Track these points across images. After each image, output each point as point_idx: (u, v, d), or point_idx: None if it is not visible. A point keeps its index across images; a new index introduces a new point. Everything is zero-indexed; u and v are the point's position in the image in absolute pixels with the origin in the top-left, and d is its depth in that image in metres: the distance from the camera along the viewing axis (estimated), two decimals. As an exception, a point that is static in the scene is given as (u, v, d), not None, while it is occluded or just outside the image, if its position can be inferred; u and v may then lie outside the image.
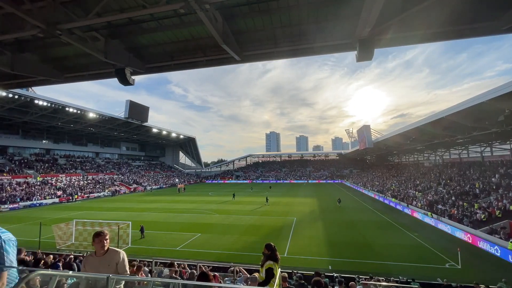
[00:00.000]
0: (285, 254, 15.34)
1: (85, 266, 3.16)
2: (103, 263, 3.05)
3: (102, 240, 3.15)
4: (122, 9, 6.41)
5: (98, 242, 3.14)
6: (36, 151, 53.71)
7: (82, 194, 45.55)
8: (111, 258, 3.10)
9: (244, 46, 8.20)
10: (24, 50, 8.83)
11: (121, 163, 72.21)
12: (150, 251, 15.89)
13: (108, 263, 3.06)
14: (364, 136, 47.51)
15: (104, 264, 3.04)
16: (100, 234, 3.17)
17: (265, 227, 22.12)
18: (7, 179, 40.27)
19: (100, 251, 3.13)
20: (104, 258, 3.11)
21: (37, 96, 37.71)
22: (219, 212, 29.43)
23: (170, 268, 7.82)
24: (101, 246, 3.12)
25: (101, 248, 3.13)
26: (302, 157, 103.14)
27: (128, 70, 8.40)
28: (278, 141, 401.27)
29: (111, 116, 52.00)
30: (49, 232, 18.44)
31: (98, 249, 3.13)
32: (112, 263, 3.08)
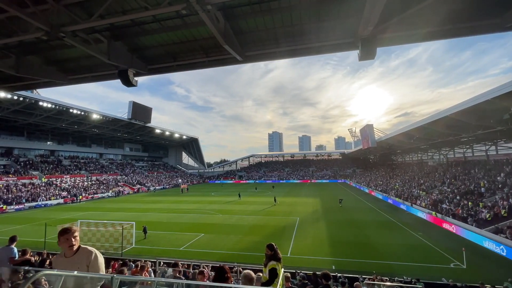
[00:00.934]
0: (288, 254, 15.33)
1: (54, 268, 2.87)
2: (72, 265, 2.64)
3: (69, 239, 2.72)
4: (124, 11, 6.45)
5: (64, 241, 2.70)
6: (41, 152, 54.24)
7: (86, 195, 45.91)
8: (80, 259, 2.70)
9: (246, 46, 8.21)
10: (29, 52, 8.93)
11: (124, 164, 72.65)
12: (154, 251, 15.97)
13: (77, 264, 2.66)
14: (367, 135, 47.30)
15: (73, 266, 2.63)
16: (66, 232, 2.74)
17: (268, 227, 22.12)
18: (13, 180, 40.74)
19: (68, 251, 2.73)
20: (72, 259, 2.71)
21: (42, 98, 38.07)
22: (222, 212, 29.49)
23: (174, 268, 7.85)
24: (69, 245, 2.71)
25: (68, 248, 2.72)
26: (305, 157, 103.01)
27: (131, 72, 8.46)
28: (281, 141, 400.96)
29: (115, 117, 52.34)
30: (54, 233, 18.48)
31: (65, 248, 2.73)
32: (82, 265, 2.67)
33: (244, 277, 3.65)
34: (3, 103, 35.30)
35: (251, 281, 3.58)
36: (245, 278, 3.61)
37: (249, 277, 3.60)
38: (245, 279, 3.62)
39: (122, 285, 3.45)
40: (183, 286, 3.65)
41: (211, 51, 8.67)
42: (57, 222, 22.90)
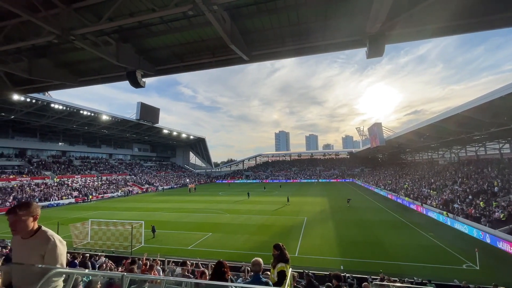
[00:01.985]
0: (296, 254, 15.27)
1: (12, 246, 2.48)
2: (26, 248, 2.25)
3: (16, 221, 2.18)
4: (132, 13, 6.55)
5: (12, 222, 2.19)
6: (52, 153, 55.59)
7: (96, 195, 46.82)
8: (35, 245, 2.23)
9: (252, 45, 8.21)
10: (41, 55, 9.17)
11: (133, 164, 73.74)
12: (162, 250, 16.14)
13: (31, 249, 2.23)
14: (375, 134, 46.66)
15: (26, 250, 2.25)
16: (11, 212, 2.20)
17: (275, 227, 22.08)
18: (26, 180, 41.89)
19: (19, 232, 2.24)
20: (28, 242, 2.26)
21: (53, 100, 38.99)
22: (230, 212, 29.60)
23: (182, 267, 7.93)
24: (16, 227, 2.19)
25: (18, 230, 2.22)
26: (312, 156, 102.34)
27: (139, 73, 8.58)
28: (288, 141, 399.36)
29: (123, 118, 53.17)
30: (66, 231, 19.05)
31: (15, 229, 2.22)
32: (35, 252, 2.22)
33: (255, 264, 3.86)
34: (17, 106, 36.32)
35: (259, 265, 3.83)
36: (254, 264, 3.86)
37: (256, 262, 3.85)
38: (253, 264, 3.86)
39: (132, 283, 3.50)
40: (191, 285, 3.68)
41: (217, 51, 8.71)
42: (69, 221, 23.43)
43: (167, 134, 71.97)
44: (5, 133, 46.87)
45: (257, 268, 3.85)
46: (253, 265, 3.89)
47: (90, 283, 3.37)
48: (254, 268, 3.87)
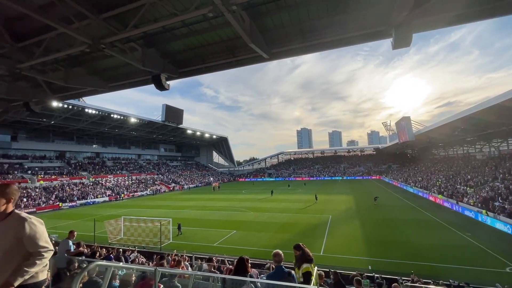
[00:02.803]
0: (321, 253, 15.03)
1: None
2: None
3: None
4: (156, 19, 6.82)
5: None
6: (88, 154, 59.70)
7: (128, 193, 49.56)
8: (9, 228, 2.09)
9: (272, 43, 8.18)
10: (75, 64, 9.86)
11: (160, 163, 76.92)
12: (189, 247, 16.70)
13: (4, 233, 2.08)
14: (403, 128, 44.37)
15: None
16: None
17: (299, 225, 21.89)
18: (66, 181, 45.43)
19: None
20: (1, 224, 2.12)
21: (87, 105, 41.82)
22: (254, 210, 29.84)
23: (209, 263, 8.16)
24: None
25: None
26: (336, 153, 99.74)
27: (163, 76, 8.92)
28: (310, 138, 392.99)
29: (150, 120, 55.64)
30: (102, 228, 20.38)
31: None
32: (9, 236, 2.07)
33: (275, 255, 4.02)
34: (56, 112, 39.44)
35: (280, 257, 3.99)
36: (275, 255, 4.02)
37: (277, 253, 4.02)
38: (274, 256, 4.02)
39: (163, 277, 3.68)
40: (218, 280, 3.79)
41: (237, 51, 8.79)
42: (104, 218, 25.02)
43: (191, 134, 74.09)
44: (47, 137, 51.19)
45: (277, 259, 3.92)
46: (274, 257, 4.00)
47: (125, 275, 3.59)
48: (276, 259, 3.97)
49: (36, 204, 35.32)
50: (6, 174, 39.53)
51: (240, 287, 3.16)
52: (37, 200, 36.37)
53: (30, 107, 11.73)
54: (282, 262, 4.04)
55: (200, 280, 4.50)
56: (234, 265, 4.10)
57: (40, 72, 9.53)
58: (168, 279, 4.03)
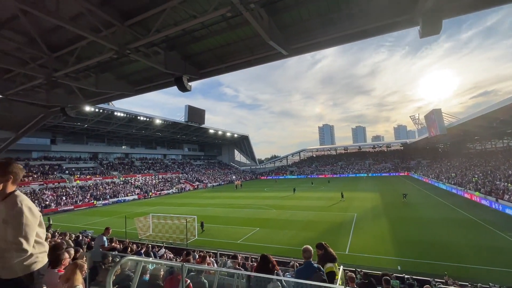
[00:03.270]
0: (347, 252, 14.67)
1: None
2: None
3: None
4: (176, 23, 7.00)
5: None
6: (118, 155, 63.21)
7: (155, 192, 51.78)
8: (3, 209, 1.92)
9: (291, 39, 8.05)
10: (104, 70, 10.45)
11: (184, 163, 79.42)
12: (214, 243, 17.10)
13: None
14: (434, 121, 41.74)
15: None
16: None
17: (323, 223, 21.52)
18: (99, 180, 48.49)
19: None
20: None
21: (116, 109, 44.25)
22: (276, 208, 29.81)
23: (233, 260, 8.29)
24: None
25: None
26: (360, 149, 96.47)
27: (185, 78, 9.16)
28: (332, 134, 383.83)
29: (174, 121, 57.63)
30: (132, 224, 21.52)
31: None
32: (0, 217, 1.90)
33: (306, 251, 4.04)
34: (89, 116, 42.17)
35: (310, 252, 3.99)
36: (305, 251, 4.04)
37: (307, 249, 4.04)
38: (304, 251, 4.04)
39: (190, 272, 3.80)
40: (243, 277, 3.85)
41: (256, 49, 8.79)
42: (134, 215, 26.39)
43: (213, 134, 75.56)
44: (81, 140, 55.02)
45: (307, 254, 3.90)
46: (304, 252, 4.00)
47: (155, 270, 3.77)
48: (305, 254, 3.96)
49: (74, 202, 38.11)
50: (47, 174, 43.06)
51: (265, 284, 3.17)
52: (74, 198, 39.22)
53: (66, 112, 12.63)
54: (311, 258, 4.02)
55: (225, 277, 4.59)
56: (257, 263, 4.12)
57: (74, 79, 10.21)
58: (195, 275, 4.16)
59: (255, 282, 3.67)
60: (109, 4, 6.52)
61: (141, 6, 6.64)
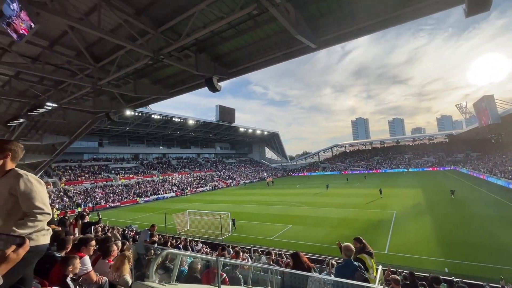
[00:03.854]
0: (386, 251, 13.91)
1: None
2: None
3: None
4: (205, 25, 7.22)
5: None
6: (156, 155, 67.38)
7: (191, 189, 54.26)
8: (5, 185, 1.93)
9: (319, 31, 7.81)
10: (141, 76, 11.18)
11: (217, 161, 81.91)
12: (247, 240, 17.40)
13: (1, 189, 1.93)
14: (485, 109, 37.50)
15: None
16: None
17: (359, 221, 20.65)
18: (141, 179, 52.21)
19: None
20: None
21: (153, 112, 47.12)
22: (309, 205, 29.34)
23: (267, 256, 8.38)
24: None
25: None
26: (398, 143, 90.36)
27: (215, 78, 9.42)
28: (367, 128, 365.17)
29: (206, 121, 59.72)
30: (171, 220, 22.81)
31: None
32: (4, 192, 1.91)
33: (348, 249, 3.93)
34: (130, 119, 45.52)
35: (352, 251, 3.88)
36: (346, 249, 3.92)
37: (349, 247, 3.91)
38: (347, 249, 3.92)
39: (225, 266, 3.94)
40: (276, 273, 3.87)
41: (283, 44, 8.69)
42: (172, 211, 27.90)
43: (243, 132, 76.67)
44: (124, 142, 59.69)
45: (349, 253, 3.84)
46: (345, 250, 3.93)
47: (192, 263, 3.97)
48: (347, 253, 3.89)
49: (120, 199, 41.57)
50: (97, 174, 47.54)
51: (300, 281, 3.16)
52: (120, 195, 42.76)
53: (110, 116, 13.78)
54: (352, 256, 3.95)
55: (260, 272, 4.66)
56: (291, 260, 4.14)
57: (115, 86, 11.10)
58: (230, 269, 4.29)
59: (289, 279, 3.68)
60: (143, 13, 6.95)
61: (172, 12, 6.96)
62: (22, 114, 12.36)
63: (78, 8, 6.43)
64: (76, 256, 3.20)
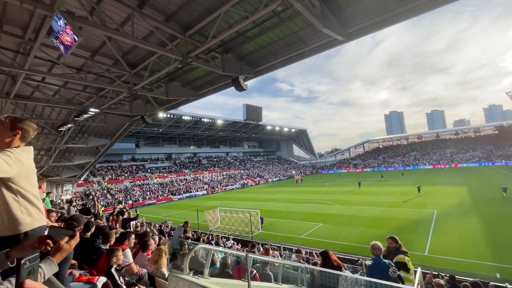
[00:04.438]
0: (426, 253, 13.02)
1: None
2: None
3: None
4: (230, 26, 7.33)
5: None
6: (187, 155, 70.24)
7: (221, 187, 55.71)
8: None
9: (347, 22, 7.49)
10: (171, 80, 11.71)
11: (245, 159, 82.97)
12: (277, 237, 17.41)
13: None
14: (545, 96, 33.00)
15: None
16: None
17: (395, 220, 19.54)
18: (174, 177, 54.84)
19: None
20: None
21: (183, 113, 49.14)
22: (340, 203, 28.46)
23: (297, 254, 8.31)
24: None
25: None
26: (438, 137, 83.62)
27: (241, 78, 9.53)
28: (401, 121, 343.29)
29: (234, 120, 60.77)
30: (203, 217, 23.65)
31: None
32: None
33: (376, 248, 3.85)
34: (162, 121, 48.01)
35: (380, 250, 3.79)
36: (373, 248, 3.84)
37: (377, 246, 3.83)
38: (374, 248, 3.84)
39: (255, 263, 3.99)
40: (306, 271, 3.84)
41: (309, 39, 8.51)
42: (204, 209, 28.92)
43: (270, 130, 76.59)
44: (158, 143, 63.16)
45: (377, 252, 3.73)
46: (372, 249, 3.85)
47: (223, 259, 4.09)
48: (375, 252, 3.81)
49: (156, 197, 44.11)
50: (135, 173, 50.95)
51: (331, 280, 3.10)
52: (156, 193, 45.36)
53: (145, 119, 14.66)
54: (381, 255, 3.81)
55: (290, 270, 4.65)
56: (321, 258, 4.08)
57: (149, 90, 11.76)
58: (260, 266, 4.35)
59: (319, 278, 3.62)
60: (172, 19, 7.27)
61: (198, 16, 7.18)
62: (70, 119, 13.65)
63: (114, 19, 6.92)
64: (119, 248, 3.48)
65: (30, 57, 7.39)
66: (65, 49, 5.83)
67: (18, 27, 7.19)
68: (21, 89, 10.77)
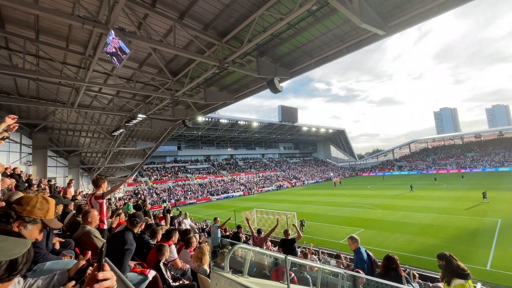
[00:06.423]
0: (488, 267, 11.49)
1: None
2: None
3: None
4: (265, 29, 7.41)
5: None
6: (225, 157, 72.47)
7: (257, 188, 56.28)
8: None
9: (388, 15, 7.05)
10: (209, 85, 12.25)
11: (281, 161, 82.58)
12: (314, 241, 16.92)
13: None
14: None
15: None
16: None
17: (449, 228, 17.61)
18: (212, 179, 57.00)
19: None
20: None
21: (221, 116, 50.89)
22: (383, 207, 26.63)
23: (337, 260, 8.02)
24: None
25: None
26: (502, 135, 73.16)
27: (276, 80, 9.56)
28: (455, 118, 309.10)
29: (269, 122, 61.11)
30: (240, 217, 24.11)
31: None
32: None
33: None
34: (201, 125, 50.35)
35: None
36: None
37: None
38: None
39: (293, 266, 3.96)
40: (347, 278, 3.68)
41: (346, 36, 8.20)
42: (241, 209, 29.51)
43: (306, 131, 75.07)
44: (197, 145, 66.42)
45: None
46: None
47: (261, 259, 4.13)
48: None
49: (196, 197, 46.33)
50: (177, 174, 54.21)
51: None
52: (196, 193, 47.65)
53: (186, 123, 15.55)
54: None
55: (329, 275, 4.51)
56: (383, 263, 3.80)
57: (189, 96, 12.47)
58: (297, 269, 4.30)
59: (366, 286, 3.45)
60: (209, 27, 7.62)
61: (234, 22, 7.42)
62: (121, 125, 15.12)
63: (158, 32, 7.50)
64: (166, 244, 3.76)
65: (90, 71, 8.39)
66: (118, 61, 6.50)
67: (80, 45, 8.23)
68: (83, 99, 12.28)
